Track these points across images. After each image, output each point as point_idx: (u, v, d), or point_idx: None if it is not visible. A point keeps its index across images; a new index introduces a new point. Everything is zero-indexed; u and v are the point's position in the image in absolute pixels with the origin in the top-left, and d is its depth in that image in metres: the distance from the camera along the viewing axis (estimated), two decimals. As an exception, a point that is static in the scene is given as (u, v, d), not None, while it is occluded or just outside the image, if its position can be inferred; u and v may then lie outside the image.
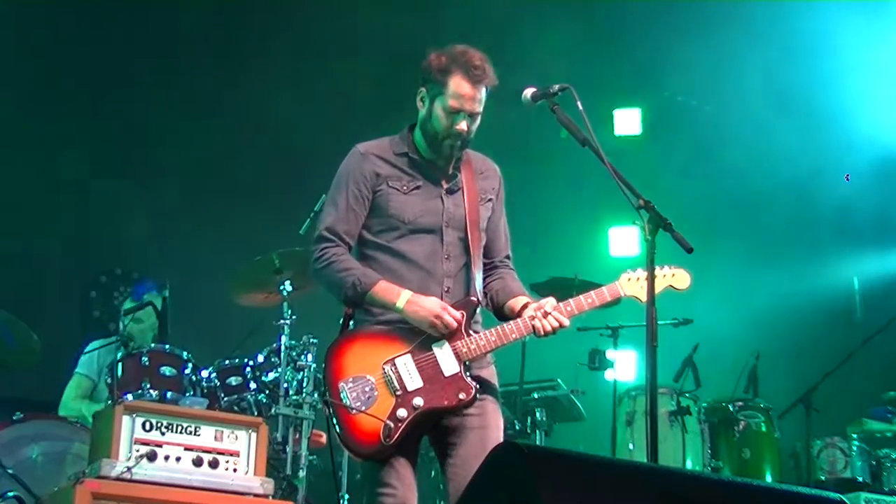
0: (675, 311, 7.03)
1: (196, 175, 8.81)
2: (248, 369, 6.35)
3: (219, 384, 6.30)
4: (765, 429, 7.55)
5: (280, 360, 6.17)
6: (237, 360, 6.40)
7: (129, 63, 8.77)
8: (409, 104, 4.39)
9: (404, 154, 4.38)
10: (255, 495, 4.79)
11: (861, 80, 8.97)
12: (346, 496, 6.35)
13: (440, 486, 7.34)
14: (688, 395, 7.44)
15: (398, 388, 4.16)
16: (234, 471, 4.79)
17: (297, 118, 8.90)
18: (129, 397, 5.84)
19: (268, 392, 6.29)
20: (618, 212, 8.43)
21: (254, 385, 6.32)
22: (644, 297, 4.23)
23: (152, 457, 4.67)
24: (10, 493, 5.52)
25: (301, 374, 6.12)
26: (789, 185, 9.01)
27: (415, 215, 4.31)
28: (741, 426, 7.53)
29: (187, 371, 6.21)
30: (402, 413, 4.13)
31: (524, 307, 4.34)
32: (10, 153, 8.26)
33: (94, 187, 8.61)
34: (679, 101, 9.48)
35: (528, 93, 4.30)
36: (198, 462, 4.74)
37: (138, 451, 4.65)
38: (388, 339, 4.23)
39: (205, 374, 6.30)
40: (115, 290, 8.84)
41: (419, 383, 4.17)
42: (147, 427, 4.71)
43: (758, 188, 9.15)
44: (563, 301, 4.29)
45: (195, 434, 4.78)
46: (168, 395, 6.01)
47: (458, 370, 4.20)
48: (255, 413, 6.18)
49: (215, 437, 4.81)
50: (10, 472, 5.66)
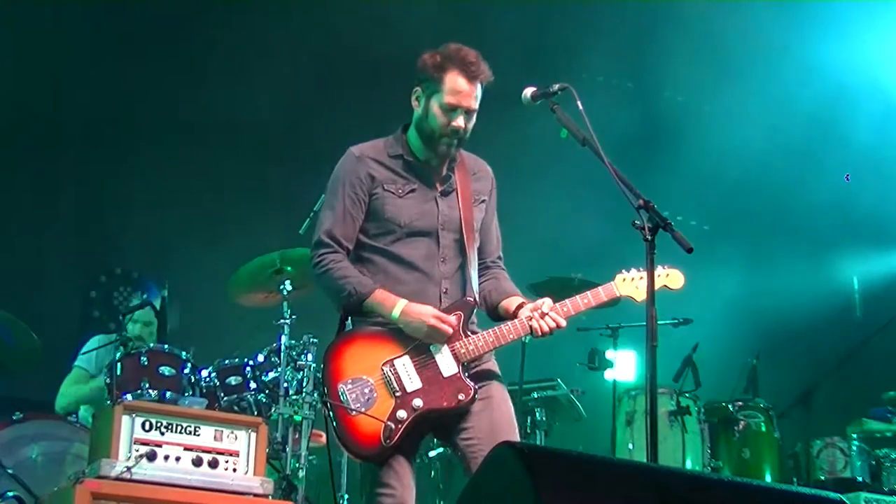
0: (675, 311, 7.03)
1: (196, 175, 8.80)
2: (248, 369, 6.34)
3: (218, 384, 6.29)
4: (765, 429, 7.55)
5: (280, 359, 6.16)
6: (237, 360, 6.39)
7: (129, 61, 8.76)
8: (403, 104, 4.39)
9: (399, 156, 4.38)
10: (255, 495, 4.78)
11: (861, 80, 8.96)
12: (346, 496, 6.35)
13: (440, 486, 7.35)
14: (688, 395, 7.44)
15: (397, 389, 4.16)
16: (234, 471, 4.79)
17: (296, 118, 8.91)
18: (129, 397, 5.84)
19: (268, 392, 6.29)
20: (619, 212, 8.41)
21: (253, 385, 6.31)
22: (638, 297, 4.34)
23: (152, 457, 4.67)
24: (10, 493, 5.51)
25: (301, 373, 6.11)
26: (789, 185, 9.00)
27: (410, 219, 4.32)
28: (741, 426, 7.53)
29: (186, 371, 6.21)
30: (402, 414, 4.13)
31: (519, 307, 4.35)
32: (10, 153, 8.26)
33: (94, 187, 8.60)
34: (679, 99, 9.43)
35: (528, 92, 4.29)
36: (197, 462, 4.74)
37: (138, 450, 4.65)
38: (386, 340, 4.24)
39: (204, 373, 6.29)
40: (115, 290, 8.84)
41: (418, 384, 4.18)
42: (147, 427, 4.71)
43: (758, 188, 9.14)
44: (559, 301, 4.31)
45: (195, 434, 4.78)
46: (167, 394, 6.01)
47: (457, 371, 4.21)
48: (255, 413, 6.18)
49: (215, 437, 4.81)
50: (10, 472, 5.67)
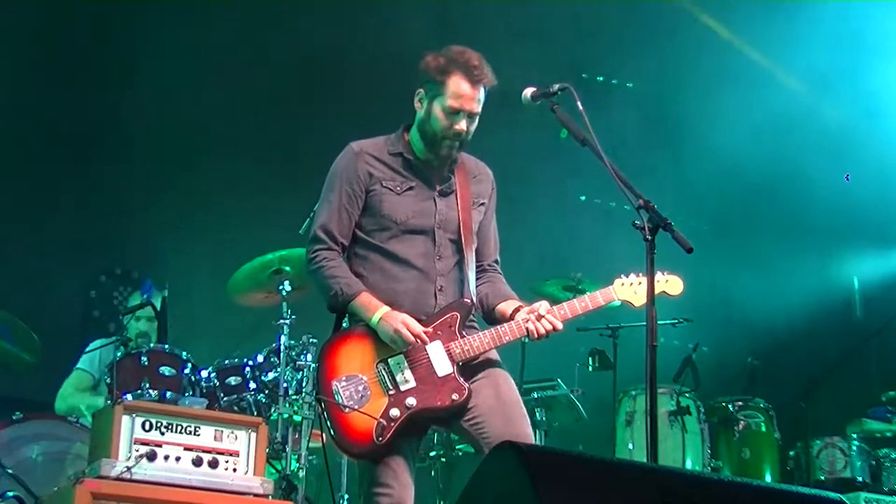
0: (675, 311, 7.03)
1: (196, 174, 8.80)
2: (248, 369, 6.34)
3: (218, 384, 6.29)
4: (765, 429, 7.55)
5: (279, 359, 6.16)
6: (237, 360, 6.39)
7: (129, 61, 8.75)
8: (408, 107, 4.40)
9: (399, 154, 4.38)
10: (255, 495, 4.78)
11: (861, 79, 8.96)
12: (346, 496, 6.35)
13: (440, 486, 7.35)
14: (688, 395, 7.44)
15: (391, 387, 4.16)
16: (234, 471, 4.79)
17: (296, 117, 8.90)
18: (129, 397, 5.84)
19: (267, 392, 6.29)
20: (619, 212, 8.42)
21: (253, 385, 6.31)
22: (636, 302, 4.41)
23: (152, 457, 4.67)
24: (10, 493, 5.51)
25: (301, 373, 6.12)
26: (789, 185, 9.00)
27: (407, 216, 4.32)
28: (741, 426, 7.53)
29: (186, 371, 6.21)
30: (395, 412, 4.13)
31: (516, 310, 4.34)
32: (10, 153, 8.26)
33: (94, 187, 8.60)
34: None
35: (528, 92, 4.29)
36: (197, 462, 4.74)
37: (138, 450, 4.65)
38: (381, 339, 4.23)
39: (204, 373, 6.29)
40: (114, 290, 8.84)
41: (412, 383, 4.18)
42: (147, 427, 4.71)
43: (757, 188, 9.14)
44: (556, 305, 4.31)
45: (195, 434, 4.78)
46: (167, 394, 6.00)
47: (452, 371, 4.21)
48: (255, 413, 6.18)
49: (215, 437, 4.81)
50: (10, 472, 5.67)
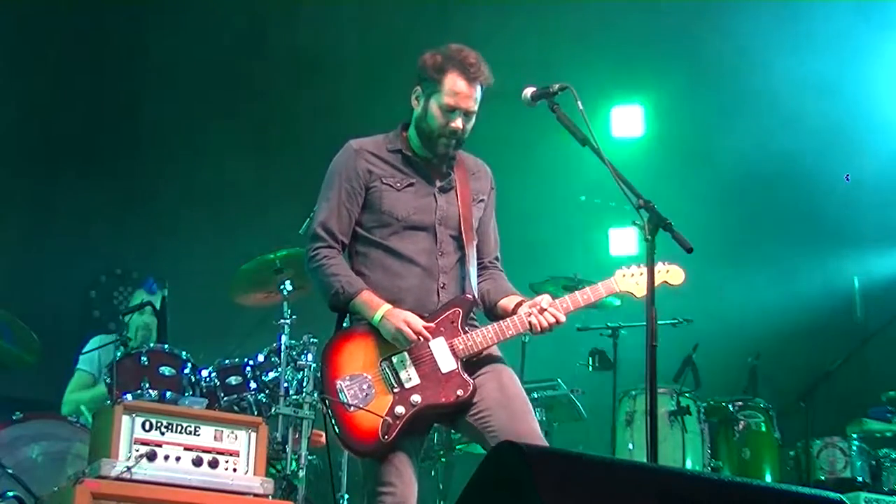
0: (675, 311, 7.03)
1: (196, 174, 8.80)
2: (248, 369, 6.34)
3: (218, 384, 6.29)
4: (765, 429, 7.54)
5: (280, 359, 6.17)
6: (237, 360, 6.40)
7: (129, 61, 8.76)
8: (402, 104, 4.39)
9: (398, 151, 4.38)
10: (255, 495, 4.79)
11: (861, 78, 8.96)
12: (346, 496, 6.35)
13: (440, 486, 7.35)
14: (688, 395, 7.44)
15: (395, 385, 4.15)
16: (234, 470, 4.79)
17: (296, 117, 8.90)
18: (129, 397, 5.84)
19: (268, 392, 6.29)
20: (618, 212, 8.41)
21: (254, 385, 6.31)
22: (638, 292, 4.32)
23: (152, 457, 4.67)
24: (10, 493, 5.51)
25: (301, 373, 6.12)
26: (790, 185, 9.00)
27: (408, 212, 4.31)
28: (741, 426, 7.53)
29: (186, 371, 6.22)
30: (400, 410, 4.13)
31: (518, 305, 4.33)
32: (10, 152, 8.26)
33: (94, 188, 8.60)
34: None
35: (528, 92, 4.27)
36: (197, 462, 4.74)
37: (138, 450, 4.65)
38: (383, 337, 4.22)
39: (204, 373, 6.29)
40: (114, 290, 8.84)
41: (416, 380, 4.17)
42: (147, 427, 4.71)
43: (758, 188, 9.14)
44: (558, 298, 4.31)
45: (195, 434, 4.78)
46: (167, 394, 6.01)
47: (456, 367, 4.19)
48: (255, 413, 6.18)
49: (215, 437, 4.81)
50: (10, 472, 5.66)
